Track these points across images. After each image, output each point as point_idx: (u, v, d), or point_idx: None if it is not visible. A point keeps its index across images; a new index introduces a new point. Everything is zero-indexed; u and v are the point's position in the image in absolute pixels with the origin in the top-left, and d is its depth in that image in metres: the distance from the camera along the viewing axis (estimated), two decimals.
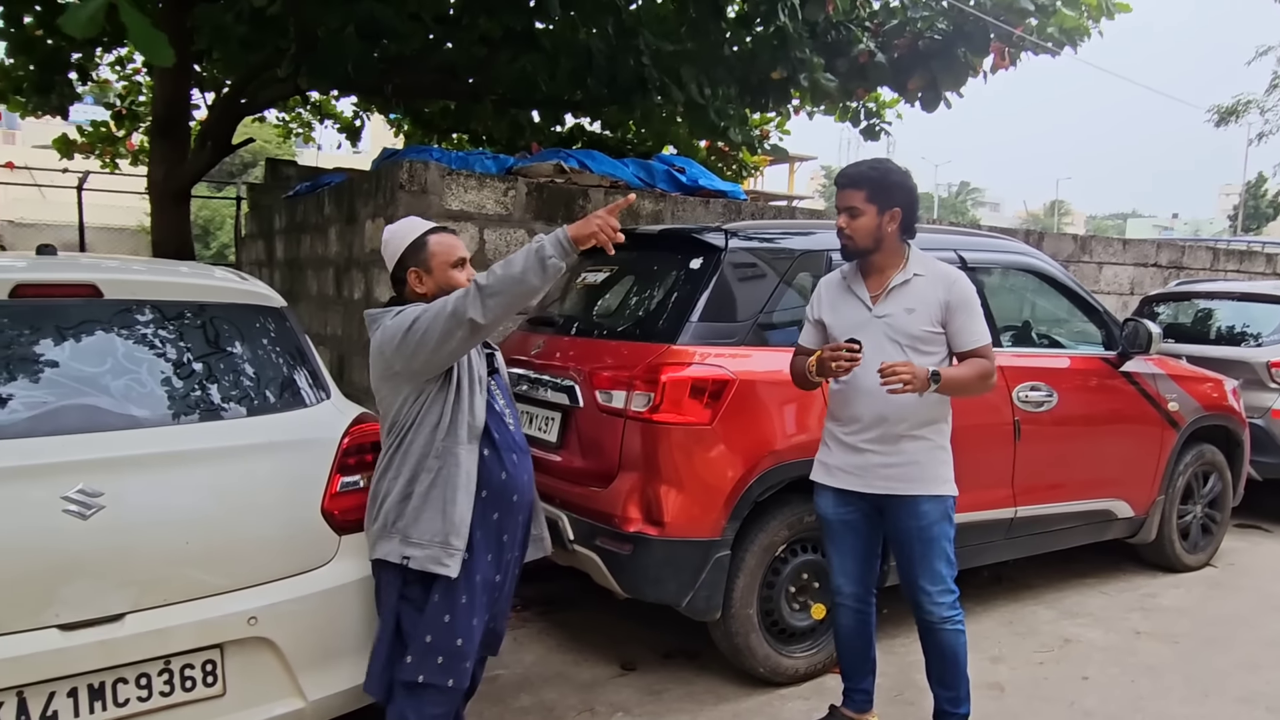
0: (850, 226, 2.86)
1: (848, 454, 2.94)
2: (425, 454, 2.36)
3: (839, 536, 3.05)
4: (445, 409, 2.37)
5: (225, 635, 2.35)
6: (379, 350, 2.38)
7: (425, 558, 2.34)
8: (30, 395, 2.27)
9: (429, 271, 2.48)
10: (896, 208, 2.85)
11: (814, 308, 3.08)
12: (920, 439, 2.86)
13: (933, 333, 2.85)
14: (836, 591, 3.12)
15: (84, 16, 2.64)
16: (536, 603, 4.42)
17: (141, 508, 2.26)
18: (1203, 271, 9.21)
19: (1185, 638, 4.17)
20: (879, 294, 2.90)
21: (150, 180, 7.90)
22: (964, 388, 2.86)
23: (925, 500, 2.86)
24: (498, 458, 2.48)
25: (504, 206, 5.17)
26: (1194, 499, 5.09)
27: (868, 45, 7.68)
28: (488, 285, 2.22)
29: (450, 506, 2.35)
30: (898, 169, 2.91)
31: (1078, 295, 4.63)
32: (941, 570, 2.89)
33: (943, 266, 2.96)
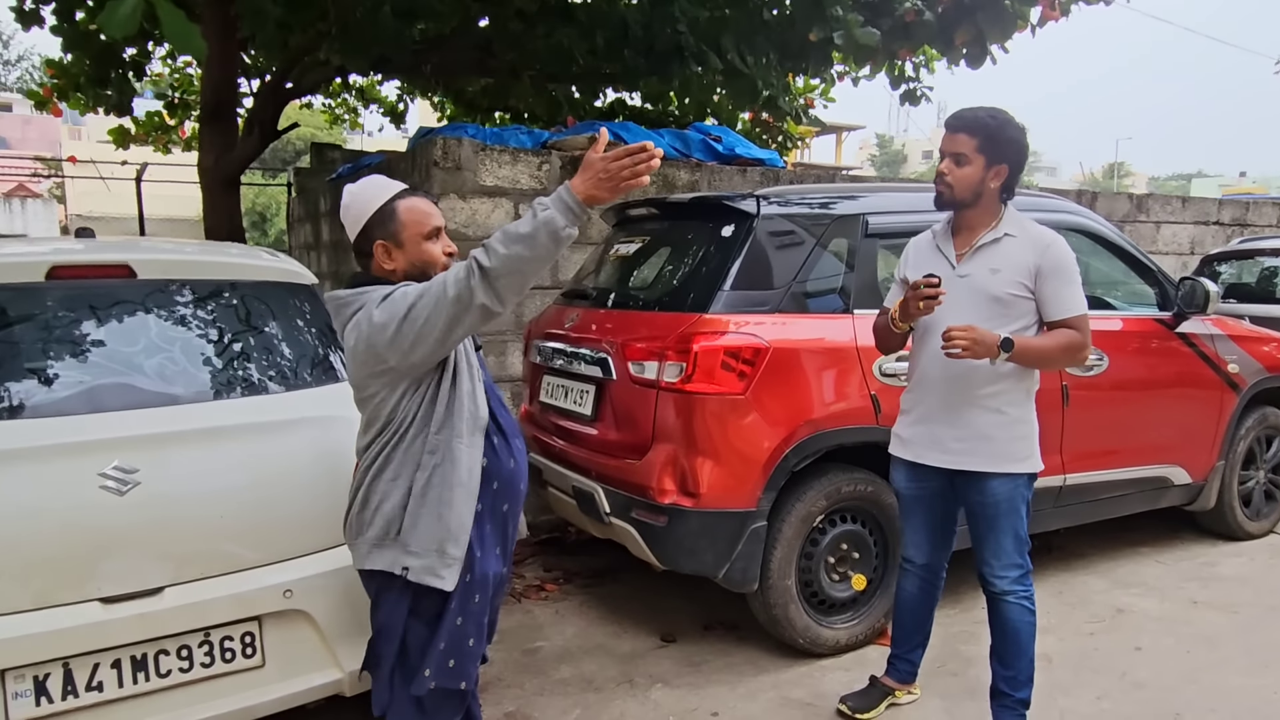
0: (953, 174, 2.68)
1: (918, 425, 2.86)
2: (425, 451, 2.10)
3: (911, 510, 2.99)
4: (440, 401, 2.10)
5: (263, 608, 2.40)
6: (367, 344, 2.04)
7: (421, 568, 2.08)
8: (67, 374, 2.33)
9: (399, 245, 2.14)
10: (1005, 164, 2.67)
11: (902, 266, 2.97)
12: (991, 410, 2.70)
13: (1017, 296, 2.66)
14: (905, 560, 3.07)
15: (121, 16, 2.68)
16: (578, 575, 4.45)
17: (176, 483, 2.31)
18: (1269, 228, 8.82)
19: (1246, 607, 4.03)
20: (965, 252, 2.76)
21: (200, 168, 8.04)
22: (1044, 359, 2.70)
23: (995, 479, 2.71)
24: (506, 446, 2.25)
25: (538, 181, 5.15)
26: (1256, 464, 4.91)
27: (913, 2, 7.45)
28: (495, 267, 1.90)
29: (446, 510, 2.08)
30: (1016, 123, 2.71)
31: (1130, 255, 4.47)
32: (1006, 546, 2.77)
33: (1039, 229, 2.74)
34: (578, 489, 3.71)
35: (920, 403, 2.86)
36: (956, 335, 2.51)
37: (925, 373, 2.82)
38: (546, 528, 4.90)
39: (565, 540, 4.89)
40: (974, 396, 2.71)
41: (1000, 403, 2.70)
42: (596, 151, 1.96)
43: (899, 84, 8.67)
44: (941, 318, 2.62)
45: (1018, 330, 2.65)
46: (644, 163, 1.94)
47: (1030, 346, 2.62)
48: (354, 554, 2.21)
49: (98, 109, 9.42)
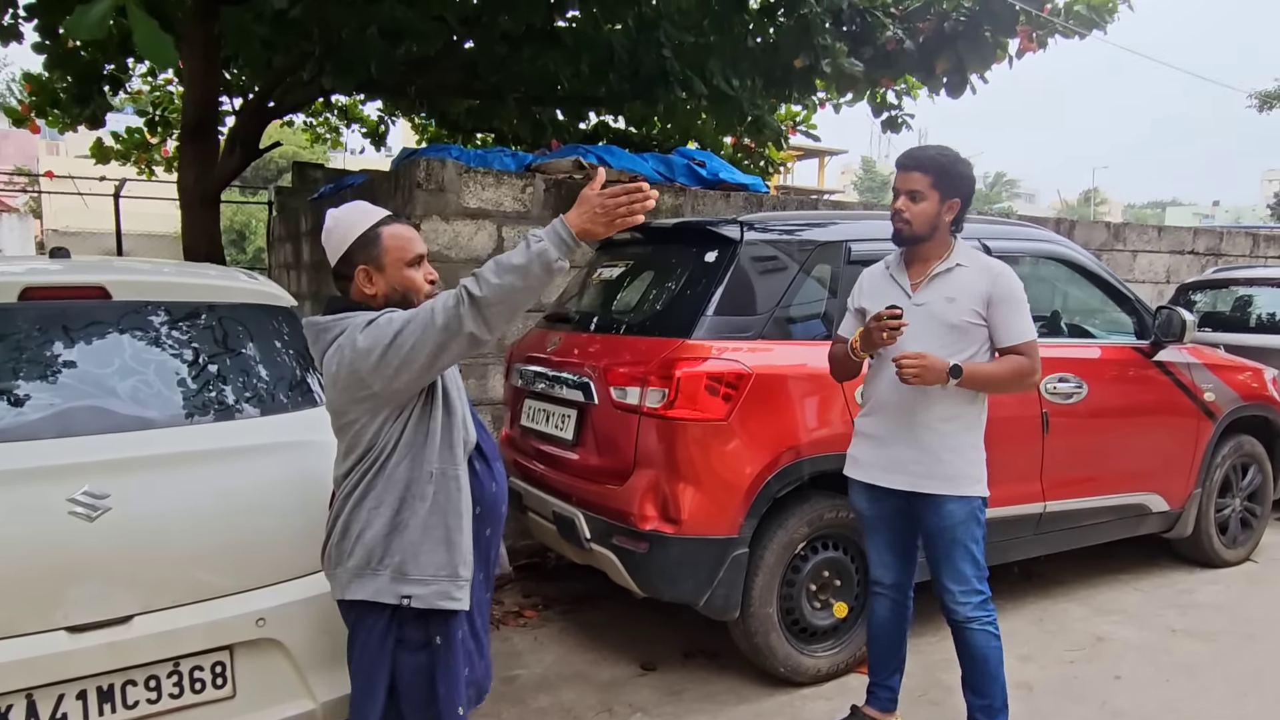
0: (910, 210, 2.79)
1: (875, 447, 2.91)
2: (415, 479, 2.08)
3: (875, 530, 3.02)
4: (435, 427, 2.09)
5: (234, 637, 2.35)
6: (350, 369, 2.01)
7: (432, 594, 2.07)
8: (38, 397, 2.28)
9: (380, 270, 2.13)
10: (957, 199, 2.81)
11: (855, 296, 3.05)
12: (946, 435, 2.79)
13: (972, 323, 2.77)
14: (875, 582, 3.08)
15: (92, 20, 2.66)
16: (558, 601, 4.40)
17: (148, 509, 2.26)
18: (1242, 258, 8.95)
19: (1223, 635, 4.04)
20: (919, 282, 2.85)
21: (180, 185, 7.98)
22: (993, 384, 2.79)
23: (950, 500, 2.78)
24: (489, 469, 2.26)
25: (522, 204, 5.15)
26: (1233, 492, 4.95)
27: (895, 31, 7.55)
28: (485, 296, 1.91)
29: (456, 535, 2.09)
30: (964, 160, 2.84)
31: (1108, 284, 4.51)
32: (965, 570, 2.82)
33: (987, 259, 2.90)
34: (558, 514, 3.67)
35: (878, 426, 2.91)
36: (908, 362, 2.61)
37: (884, 398, 2.87)
38: (526, 553, 4.85)
39: (545, 565, 4.85)
40: (930, 421, 2.78)
41: (955, 427, 2.79)
42: (594, 188, 1.99)
43: (881, 111, 8.77)
44: (900, 345, 2.69)
45: (971, 355, 2.75)
46: (639, 201, 1.98)
47: (979, 372, 2.72)
48: (333, 583, 2.18)
49: (75, 127, 9.36)
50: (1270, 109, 23.38)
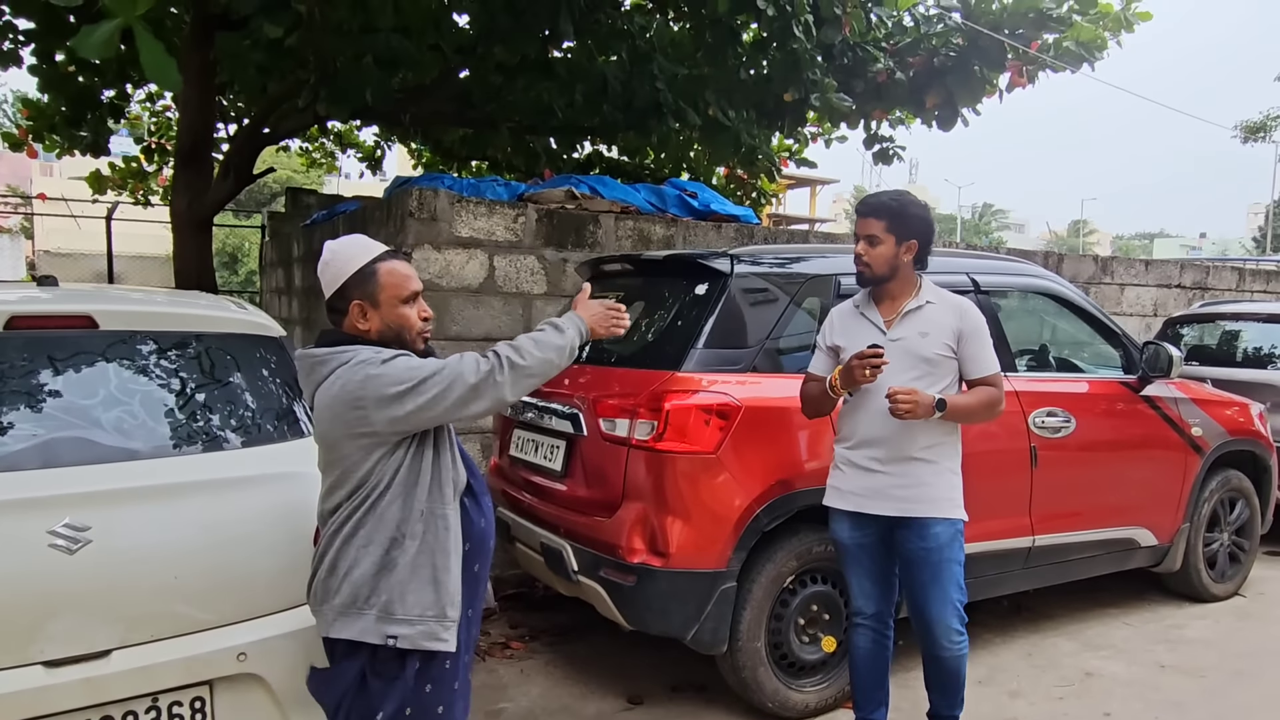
0: (869, 254, 2.94)
1: (859, 476, 2.97)
2: (405, 518, 2.08)
3: (855, 560, 3.05)
4: (425, 466, 2.11)
5: (214, 672, 2.31)
6: (353, 403, 2.02)
7: (418, 634, 2.07)
8: (21, 428, 2.26)
9: (375, 306, 2.14)
10: (914, 239, 2.94)
11: (826, 335, 3.12)
12: (929, 462, 2.90)
13: (944, 357, 2.91)
14: (856, 613, 3.10)
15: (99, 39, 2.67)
16: (545, 633, 4.37)
17: (130, 541, 2.23)
18: (1228, 292, 9.03)
19: (1212, 671, 4.03)
20: (892, 318, 2.97)
21: (173, 209, 7.98)
22: (970, 415, 2.94)
23: (936, 522, 2.88)
24: (477, 505, 2.26)
25: (514, 233, 5.16)
26: (1220, 526, 4.95)
27: (886, 65, 7.65)
28: (526, 365, 2.09)
29: (444, 575, 2.10)
30: (917, 202, 3.00)
31: (1095, 318, 4.54)
32: (952, 594, 2.91)
33: (953, 296, 3.04)
34: (546, 546, 3.65)
35: (863, 458, 2.97)
36: (902, 398, 2.72)
37: (868, 431, 2.95)
38: (513, 583, 4.81)
39: (532, 596, 4.81)
40: (915, 450, 2.89)
41: (936, 454, 2.91)
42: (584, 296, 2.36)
43: (872, 143, 8.85)
44: (880, 379, 2.79)
45: (944, 387, 2.90)
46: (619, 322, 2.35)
47: (959, 404, 2.88)
48: (319, 620, 2.16)
49: (73, 151, 9.35)
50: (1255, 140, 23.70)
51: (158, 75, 2.82)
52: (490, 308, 5.12)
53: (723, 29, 6.91)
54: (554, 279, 5.30)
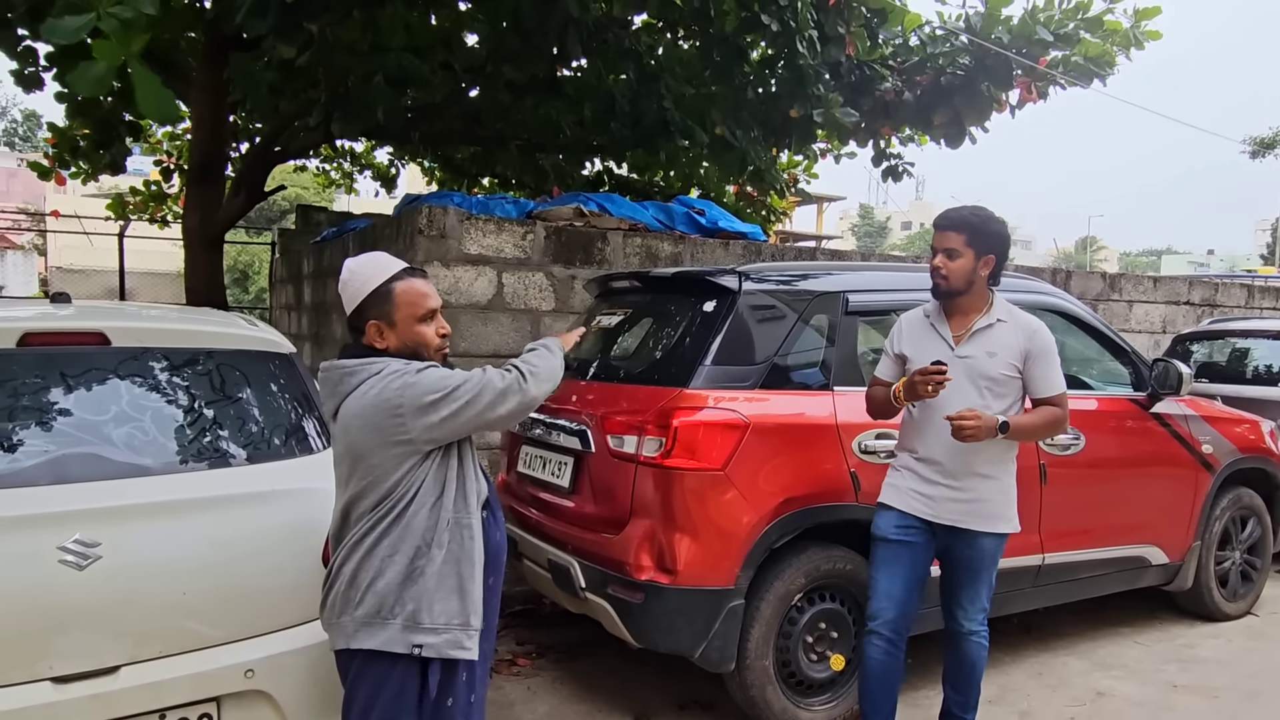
0: (947, 267, 2.97)
1: (919, 483, 3.05)
2: (433, 526, 2.11)
3: (892, 558, 3.07)
4: (450, 476, 2.15)
5: (222, 688, 2.32)
6: (391, 411, 2.06)
7: (443, 643, 2.09)
8: (33, 443, 2.28)
9: (392, 325, 2.17)
10: (991, 255, 2.99)
11: (895, 341, 3.18)
12: (989, 478, 2.97)
13: (1010, 377, 2.97)
14: (873, 617, 3.09)
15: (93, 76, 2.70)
16: (552, 649, 4.35)
17: (139, 557, 2.25)
18: (1237, 309, 9.00)
19: (1225, 691, 3.99)
20: (962, 335, 3.01)
21: (185, 227, 8.05)
22: (1033, 434, 3.06)
23: (986, 537, 2.98)
24: (494, 519, 2.29)
25: (522, 250, 5.19)
26: (1232, 544, 4.91)
27: (893, 84, 7.69)
28: (540, 370, 2.25)
29: (469, 584, 2.14)
30: (996, 218, 3.05)
31: (1104, 335, 4.53)
32: (982, 594, 3.05)
33: (1025, 315, 3.06)
34: (553, 562, 3.65)
35: (924, 467, 3.03)
36: (967, 423, 2.77)
37: (931, 447, 3.02)
38: (520, 599, 4.80)
39: (539, 612, 4.80)
40: (977, 466, 2.95)
41: (996, 471, 2.98)
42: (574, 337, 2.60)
43: (881, 160, 8.88)
44: (945, 394, 2.83)
45: (1008, 406, 2.96)
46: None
47: (1022, 425, 2.93)
48: (335, 633, 2.16)
49: (97, 176, 9.51)
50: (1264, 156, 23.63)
51: (154, 110, 2.85)
52: (499, 324, 5.14)
53: (730, 47, 6.96)
54: (562, 296, 5.33)
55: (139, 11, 2.45)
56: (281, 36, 4.76)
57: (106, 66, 2.45)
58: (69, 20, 2.45)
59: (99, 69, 2.47)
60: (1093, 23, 7.41)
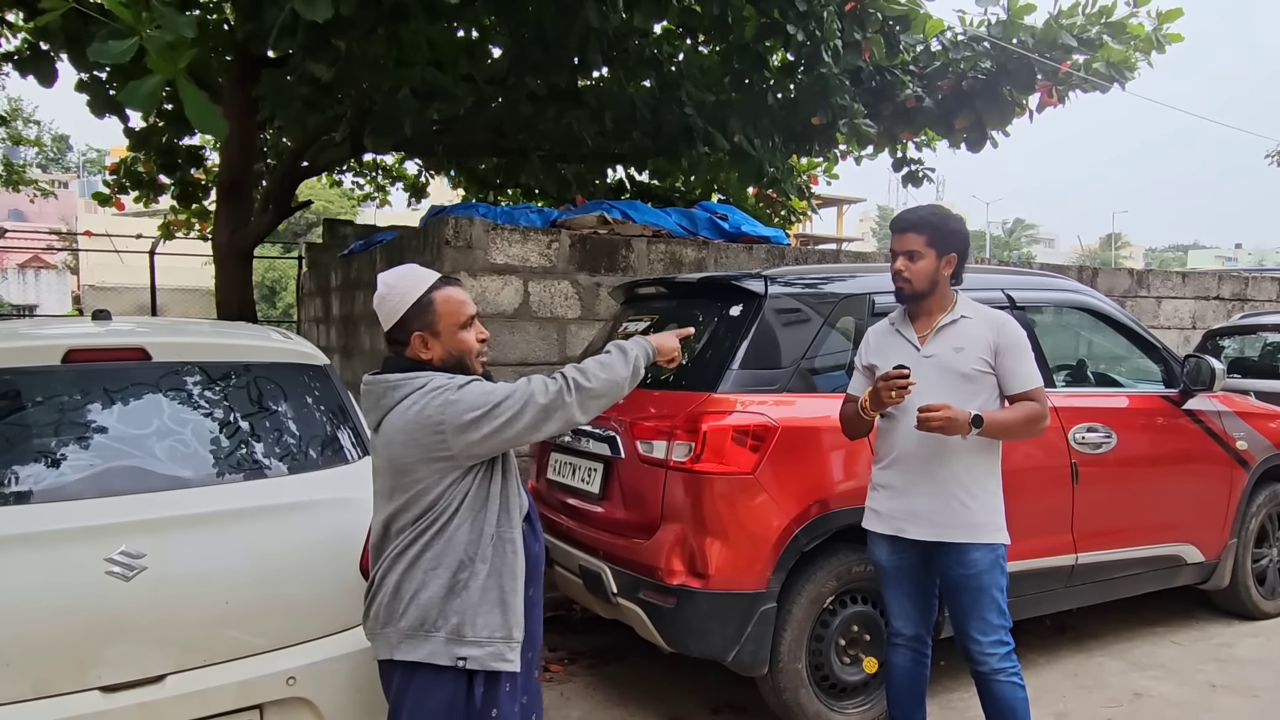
0: (909, 269, 2.89)
1: (895, 499, 2.92)
2: (475, 540, 2.12)
3: (895, 582, 3.01)
4: (494, 490, 2.16)
5: (265, 696, 2.36)
6: (433, 428, 2.06)
7: (487, 656, 2.10)
8: (78, 458, 2.34)
9: (436, 335, 2.19)
10: (953, 253, 2.91)
11: (863, 354, 3.10)
12: (968, 483, 2.83)
13: (981, 372, 2.84)
14: (894, 634, 3.06)
15: (144, 92, 2.79)
16: (583, 655, 4.38)
17: (183, 568, 2.29)
18: (1268, 303, 8.87)
19: (1266, 691, 3.94)
20: (926, 334, 2.92)
21: (215, 243, 8.19)
22: (1009, 431, 2.85)
23: (975, 548, 2.80)
24: (533, 530, 2.30)
25: (548, 259, 5.23)
26: (1270, 542, 4.85)
27: (914, 89, 7.67)
28: (592, 388, 2.17)
29: (512, 597, 2.15)
30: (955, 216, 2.98)
31: (1134, 332, 4.49)
32: (992, 620, 2.82)
33: (990, 310, 2.97)
34: (584, 568, 3.67)
35: (899, 479, 2.92)
36: (932, 415, 2.66)
37: (902, 451, 2.90)
38: (551, 605, 4.82)
39: (570, 618, 4.82)
40: (953, 470, 2.82)
41: (975, 476, 2.83)
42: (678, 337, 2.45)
43: (901, 166, 8.87)
44: (914, 397, 2.74)
45: (983, 403, 2.81)
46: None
47: (997, 420, 2.78)
48: (379, 643, 2.17)
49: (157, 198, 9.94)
50: None
51: (203, 124, 2.94)
52: (525, 333, 5.18)
53: (750, 54, 6.98)
54: (588, 303, 5.36)
55: (178, 34, 2.53)
56: (312, 53, 4.84)
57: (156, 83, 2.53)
58: (113, 44, 2.53)
59: (149, 85, 2.55)
60: (1116, 27, 7.36)
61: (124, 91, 2.67)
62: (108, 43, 2.54)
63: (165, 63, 2.54)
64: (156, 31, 2.47)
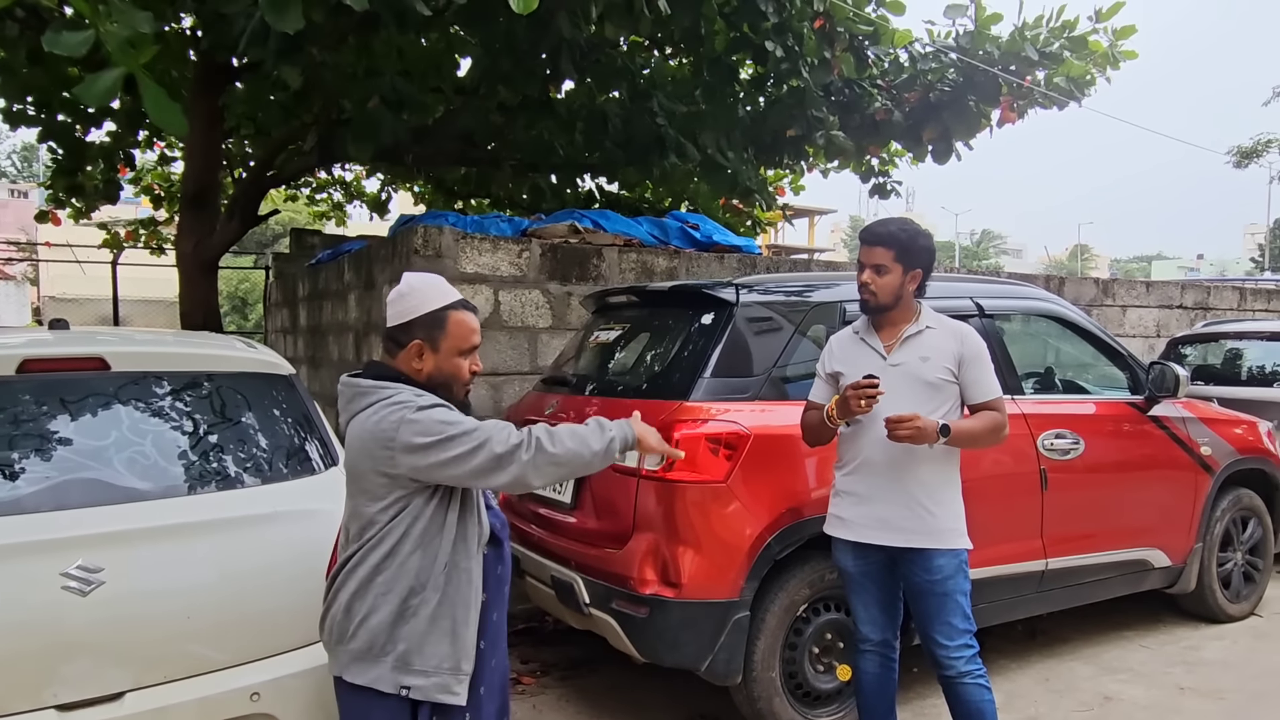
0: (875, 283, 2.93)
1: (860, 505, 2.95)
2: (429, 567, 2.06)
3: (860, 587, 3.02)
4: (450, 519, 2.10)
5: (228, 712, 2.31)
6: (384, 443, 2.02)
7: (432, 686, 2.05)
8: (34, 470, 2.27)
9: (435, 351, 2.14)
10: (919, 269, 2.95)
11: (826, 362, 3.10)
12: (932, 490, 2.88)
13: (946, 381, 2.89)
14: (862, 640, 3.07)
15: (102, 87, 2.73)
16: (556, 667, 4.33)
17: (143, 582, 2.24)
18: (1229, 312, 9.04)
19: (1232, 693, 3.98)
20: (893, 344, 2.95)
21: (179, 253, 8.06)
22: (974, 440, 2.90)
23: (939, 554, 2.85)
24: (498, 552, 2.25)
25: (518, 268, 5.20)
26: (1234, 546, 4.92)
27: (883, 103, 7.75)
28: (554, 454, 2.07)
29: (462, 628, 2.08)
30: (923, 232, 3.01)
31: (1100, 340, 4.55)
32: (957, 624, 2.86)
33: (952, 321, 3.02)
34: (556, 579, 3.64)
35: (864, 486, 2.94)
36: (902, 425, 2.69)
37: (868, 458, 2.92)
38: (524, 617, 4.78)
39: (543, 630, 4.78)
40: (917, 478, 2.86)
41: (938, 483, 2.88)
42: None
43: (869, 178, 8.95)
44: (881, 405, 2.76)
45: (946, 412, 2.87)
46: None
47: (963, 429, 2.83)
48: (331, 659, 2.14)
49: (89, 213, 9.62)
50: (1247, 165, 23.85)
51: (164, 120, 2.89)
52: (496, 342, 5.14)
53: (721, 67, 7.02)
54: (559, 313, 5.34)
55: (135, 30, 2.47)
56: (284, 60, 4.78)
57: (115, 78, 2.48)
58: (68, 36, 2.47)
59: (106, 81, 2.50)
60: (1078, 41, 7.50)
61: (81, 86, 2.61)
62: (62, 34, 2.48)
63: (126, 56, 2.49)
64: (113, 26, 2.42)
